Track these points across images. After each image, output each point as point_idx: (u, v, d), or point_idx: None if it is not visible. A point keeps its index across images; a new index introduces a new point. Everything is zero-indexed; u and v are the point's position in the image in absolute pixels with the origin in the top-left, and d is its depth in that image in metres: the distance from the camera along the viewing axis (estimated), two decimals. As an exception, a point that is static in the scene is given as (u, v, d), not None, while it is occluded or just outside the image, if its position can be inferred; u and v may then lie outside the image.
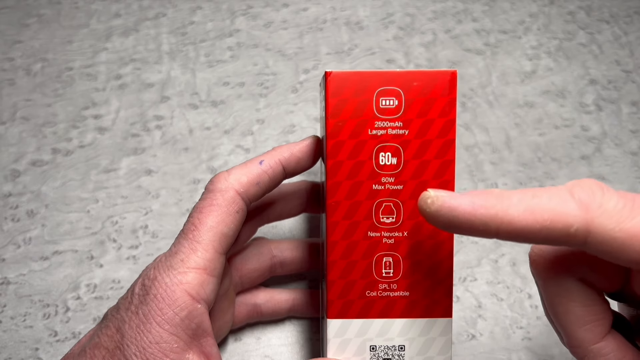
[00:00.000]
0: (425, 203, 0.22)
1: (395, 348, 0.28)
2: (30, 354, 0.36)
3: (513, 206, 0.21)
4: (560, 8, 0.46)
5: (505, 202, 0.21)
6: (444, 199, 0.22)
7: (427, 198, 0.22)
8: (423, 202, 0.23)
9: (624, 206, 0.20)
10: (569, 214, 0.20)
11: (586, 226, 0.20)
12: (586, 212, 0.20)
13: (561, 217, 0.20)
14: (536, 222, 0.20)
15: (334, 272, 0.27)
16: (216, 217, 0.28)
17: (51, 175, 0.40)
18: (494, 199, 0.21)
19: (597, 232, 0.20)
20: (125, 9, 0.45)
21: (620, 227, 0.19)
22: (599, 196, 0.20)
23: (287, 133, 0.42)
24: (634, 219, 0.19)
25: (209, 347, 0.27)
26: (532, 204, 0.21)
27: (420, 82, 0.27)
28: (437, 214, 0.22)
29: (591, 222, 0.20)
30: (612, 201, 0.20)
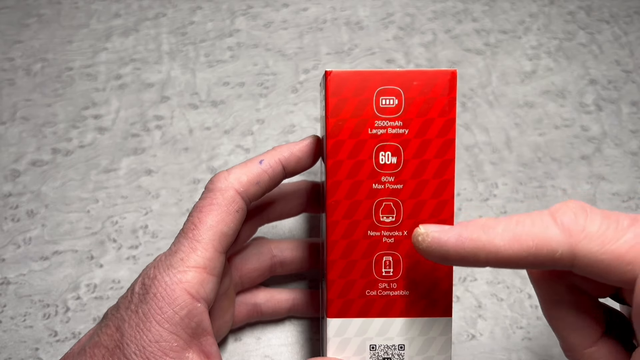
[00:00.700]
0: (417, 240, 0.24)
1: (395, 347, 0.28)
2: (30, 354, 0.36)
3: (498, 236, 0.21)
4: (560, 8, 0.46)
5: (491, 232, 0.22)
6: (433, 235, 0.23)
7: (418, 235, 0.24)
8: (415, 239, 0.24)
9: (607, 228, 0.20)
10: (552, 240, 0.20)
11: (571, 250, 0.20)
12: (569, 236, 0.20)
13: (545, 242, 0.20)
14: (522, 250, 0.21)
15: (334, 271, 0.27)
16: (216, 216, 0.28)
17: (51, 175, 0.40)
18: (479, 230, 0.22)
19: (582, 256, 0.20)
20: (125, 9, 0.45)
21: (604, 249, 0.20)
22: (581, 219, 0.20)
23: (287, 133, 0.42)
24: (618, 241, 0.19)
25: (209, 346, 0.27)
26: (517, 232, 0.21)
27: (420, 82, 0.27)
28: (429, 250, 0.23)
29: (575, 246, 0.20)
30: (596, 223, 0.20)
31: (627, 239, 0.19)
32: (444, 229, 0.23)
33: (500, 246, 0.21)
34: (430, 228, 0.24)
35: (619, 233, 0.20)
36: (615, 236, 0.20)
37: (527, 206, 0.40)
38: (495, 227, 0.22)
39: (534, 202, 0.40)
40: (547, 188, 0.41)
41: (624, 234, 0.20)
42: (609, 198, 0.41)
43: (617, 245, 0.19)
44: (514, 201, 0.40)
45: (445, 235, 0.23)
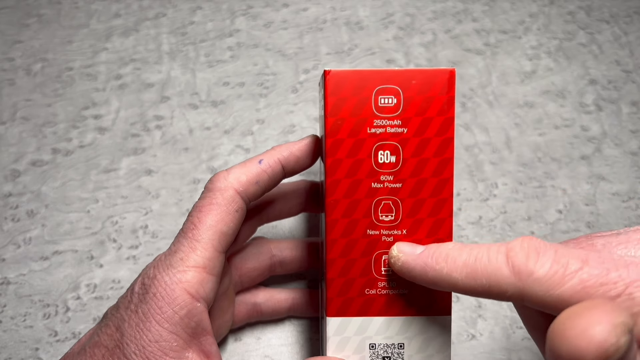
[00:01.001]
0: (390, 262, 0.27)
1: (394, 346, 0.28)
2: (30, 354, 0.36)
3: (458, 269, 0.23)
4: (560, 8, 0.46)
5: (452, 264, 0.23)
6: (403, 260, 0.26)
7: (391, 257, 0.27)
8: (389, 259, 0.27)
9: (554, 273, 0.20)
10: (503, 281, 0.22)
11: (519, 292, 0.21)
12: (518, 279, 0.21)
13: (496, 283, 0.22)
14: (477, 286, 0.22)
15: (333, 270, 0.27)
16: (215, 216, 0.28)
17: (51, 175, 0.40)
18: (443, 261, 0.24)
19: (529, 297, 0.21)
20: (125, 9, 0.45)
21: (549, 294, 0.20)
22: (531, 263, 0.21)
23: (287, 133, 0.42)
24: (563, 286, 0.20)
25: (209, 345, 0.27)
26: (473, 269, 0.23)
27: (419, 81, 0.27)
28: (401, 272, 0.26)
29: (523, 289, 0.21)
30: (545, 267, 0.21)
31: (572, 285, 0.20)
32: (413, 255, 0.25)
33: (457, 280, 0.23)
34: (403, 250, 0.26)
35: (565, 278, 0.20)
36: (561, 282, 0.20)
37: (527, 206, 0.40)
38: (457, 259, 0.23)
39: (534, 202, 0.40)
40: (547, 188, 0.41)
41: (570, 279, 0.20)
42: (609, 198, 0.41)
43: (562, 290, 0.20)
44: (514, 201, 0.40)
45: (413, 262, 0.25)
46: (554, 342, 0.18)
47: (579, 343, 0.17)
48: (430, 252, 0.25)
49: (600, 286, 0.20)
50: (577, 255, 0.21)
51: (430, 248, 0.25)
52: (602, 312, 0.18)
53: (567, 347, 0.18)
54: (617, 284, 0.20)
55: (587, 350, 0.17)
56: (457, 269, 0.23)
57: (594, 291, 0.20)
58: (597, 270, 0.20)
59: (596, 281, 0.20)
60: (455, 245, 0.24)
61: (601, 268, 0.20)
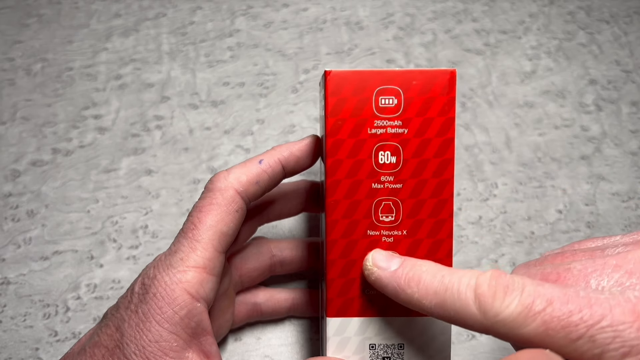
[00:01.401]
0: (364, 273, 0.27)
1: (394, 347, 0.28)
2: (30, 354, 0.36)
3: (427, 298, 0.24)
4: (560, 8, 0.46)
5: (422, 291, 0.24)
6: (376, 275, 0.26)
7: (365, 269, 0.27)
8: (364, 270, 0.27)
9: (518, 314, 0.21)
10: (470, 317, 0.22)
11: (484, 329, 0.22)
12: (484, 318, 0.21)
13: (464, 318, 0.22)
14: (445, 315, 0.23)
15: (334, 270, 0.27)
16: (216, 216, 0.28)
17: (51, 175, 0.40)
18: (415, 285, 0.24)
19: (494, 334, 0.22)
20: (125, 9, 0.45)
21: (513, 333, 0.21)
22: (498, 303, 0.21)
23: (287, 133, 0.42)
24: (526, 327, 0.20)
25: (209, 345, 0.27)
26: (442, 299, 0.23)
27: (420, 81, 0.27)
28: (374, 285, 0.26)
29: (488, 327, 0.22)
30: (510, 308, 0.21)
31: (534, 326, 0.20)
32: (387, 272, 0.26)
33: (427, 307, 0.24)
34: (377, 263, 0.26)
35: (528, 320, 0.20)
36: (525, 322, 0.20)
37: (527, 206, 0.40)
38: (429, 287, 0.24)
39: (534, 202, 0.40)
40: (547, 188, 0.41)
41: (533, 321, 0.20)
42: (609, 198, 0.41)
43: (525, 331, 0.20)
44: (513, 201, 0.40)
45: (386, 280, 0.26)
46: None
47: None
48: (404, 272, 0.25)
49: (562, 329, 0.20)
50: (543, 294, 0.21)
51: (405, 266, 0.25)
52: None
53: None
54: (579, 327, 0.20)
55: None
56: (427, 297, 0.23)
57: (555, 333, 0.20)
58: (560, 313, 0.20)
59: (558, 324, 0.20)
60: (429, 269, 0.24)
61: (564, 310, 0.20)
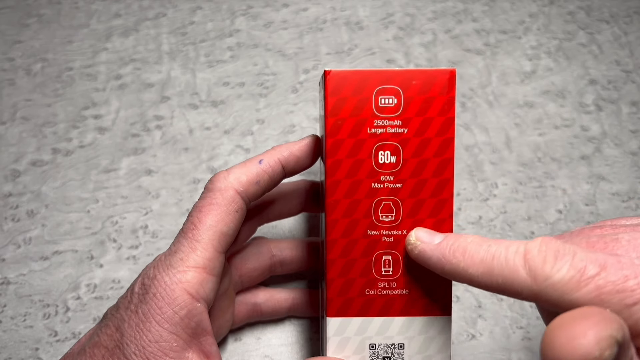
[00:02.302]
0: (408, 248, 0.27)
1: (394, 346, 0.28)
2: (30, 354, 0.36)
3: (474, 266, 0.23)
4: (560, 8, 0.46)
5: (468, 260, 0.24)
6: (420, 249, 0.26)
7: (408, 244, 0.27)
8: (406, 245, 0.27)
9: (570, 278, 0.20)
10: (518, 283, 0.22)
11: (533, 295, 0.21)
12: (534, 282, 0.21)
13: (512, 283, 0.22)
14: (492, 283, 0.23)
15: (334, 270, 0.27)
16: (216, 216, 0.28)
17: (51, 175, 0.40)
18: (460, 255, 0.24)
19: (543, 300, 0.21)
20: (125, 9, 0.45)
21: (563, 298, 0.20)
22: (548, 267, 0.21)
23: (287, 133, 0.42)
24: (578, 292, 0.20)
25: (209, 346, 0.27)
26: (490, 267, 0.23)
27: (419, 81, 0.27)
28: (417, 260, 0.27)
29: (538, 292, 0.21)
30: (561, 272, 0.21)
31: (587, 291, 0.20)
32: (430, 245, 0.26)
33: (473, 276, 0.23)
34: (420, 237, 0.26)
35: (581, 284, 0.20)
36: (577, 287, 0.20)
37: (527, 206, 0.40)
38: (474, 256, 0.24)
39: (534, 202, 0.40)
40: (547, 188, 0.41)
41: (586, 285, 0.20)
42: (609, 198, 0.41)
43: (576, 296, 0.20)
44: (514, 201, 0.40)
45: (430, 252, 0.25)
46: (543, 348, 0.18)
47: (563, 353, 0.18)
48: (448, 243, 0.25)
49: (616, 293, 0.19)
50: (595, 259, 0.21)
51: (448, 239, 0.25)
52: (590, 323, 0.18)
53: (552, 355, 0.18)
54: (635, 292, 0.19)
55: None
56: (474, 265, 0.23)
57: (610, 298, 0.20)
58: (615, 277, 0.20)
59: (612, 288, 0.20)
60: (474, 239, 0.24)
61: (619, 275, 0.20)
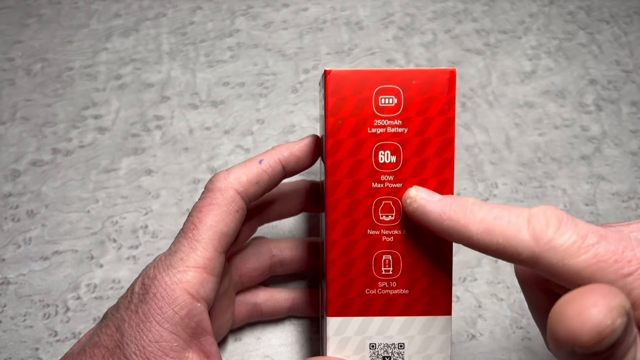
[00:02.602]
0: (405, 202, 0.27)
1: (394, 346, 0.28)
2: (30, 354, 0.36)
3: (475, 224, 0.23)
4: (560, 8, 0.46)
5: (470, 217, 0.23)
6: (420, 202, 0.26)
7: (407, 197, 0.26)
8: (404, 199, 0.27)
9: (572, 243, 0.21)
10: (519, 243, 0.22)
11: (533, 257, 0.21)
12: (536, 244, 0.21)
13: (513, 244, 0.22)
14: (491, 243, 0.22)
15: (334, 270, 0.27)
16: (216, 216, 0.28)
17: (51, 175, 0.40)
18: (462, 212, 0.24)
19: (543, 264, 0.21)
20: (125, 9, 0.45)
21: (563, 263, 0.21)
22: (551, 230, 0.21)
23: (287, 133, 0.42)
24: (578, 257, 0.20)
25: (209, 345, 0.27)
26: (491, 226, 0.23)
27: (420, 81, 0.27)
28: (414, 214, 0.26)
29: (539, 254, 0.21)
30: (564, 237, 0.21)
31: (587, 257, 0.20)
32: (431, 200, 0.25)
33: (473, 234, 0.23)
34: (420, 194, 0.26)
35: (582, 250, 0.20)
36: (577, 252, 0.20)
37: (527, 206, 0.40)
38: (476, 214, 0.23)
39: (534, 202, 0.40)
40: (547, 188, 0.41)
41: (586, 252, 0.20)
42: (609, 198, 0.41)
43: (576, 261, 0.20)
44: (514, 201, 0.40)
45: (430, 207, 0.25)
46: (553, 324, 0.19)
47: (575, 324, 0.18)
48: (449, 201, 0.25)
49: (614, 263, 0.20)
50: (596, 230, 0.21)
51: (448, 197, 0.25)
52: (599, 294, 0.18)
53: (564, 329, 0.18)
54: (631, 262, 0.20)
55: (583, 331, 0.18)
56: (474, 223, 0.23)
57: (607, 266, 0.20)
58: (613, 247, 0.20)
59: (610, 257, 0.20)
60: (475, 201, 0.24)
61: (618, 245, 0.20)
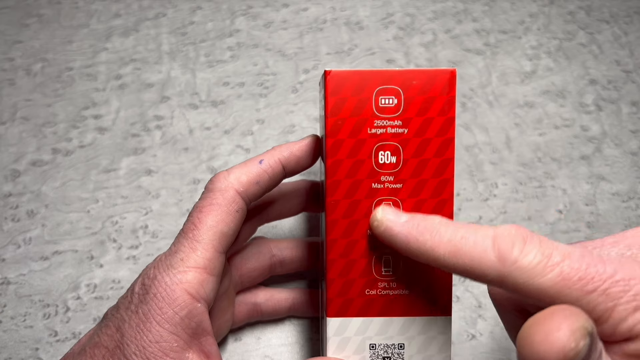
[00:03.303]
0: (373, 224, 0.26)
1: (394, 346, 0.28)
2: (30, 354, 0.36)
3: (441, 246, 0.23)
4: (560, 8, 0.46)
5: (436, 239, 0.23)
6: (386, 225, 0.25)
7: (374, 220, 0.26)
8: (371, 222, 0.27)
9: (538, 263, 0.21)
10: (486, 265, 0.22)
11: (500, 277, 0.22)
12: (502, 265, 0.21)
13: (479, 266, 0.22)
14: (458, 264, 0.23)
15: (334, 270, 0.27)
16: (216, 217, 0.28)
17: (51, 175, 0.40)
18: (427, 233, 0.24)
19: (509, 283, 0.21)
20: (125, 9, 0.45)
21: (530, 282, 0.21)
22: (516, 251, 0.21)
23: (287, 133, 0.42)
24: (543, 277, 0.21)
25: (209, 346, 0.27)
26: (458, 248, 0.23)
27: (420, 81, 0.27)
28: (382, 237, 0.26)
29: (505, 275, 0.21)
30: (529, 257, 0.21)
31: (552, 276, 0.20)
32: (398, 222, 0.25)
33: (440, 256, 0.23)
34: (387, 216, 0.26)
35: (547, 269, 0.21)
36: (543, 272, 0.21)
37: (527, 206, 0.40)
38: (443, 235, 0.23)
39: (534, 202, 0.40)
40: (547, 188, 0.41)
41: (551, 271, 0.21)
42: (609, 198, 0.41)
43: (542, 280, 0.21)
44: (513, 201, 0.40)
45: (396, 229, 0.25)
46: (521, 347, 0.19)
47: (541, 348, 0.18)
48: (415, 222, 0.25)
49: (578, 280, 0.20)
50: (561, 248, 0.21)
51: (415, 218, 0.25)
52: (561, 317, 0.19)
53: (531, 352, 0.18)
54: (594, 279, 0.20)
55: (549, 355, 0.18)
56: (441, 245, 0.23)
57: (572, 284, 0.20)
58: (577, 264, 0.20)
59: (575, 275, 0.20)
60: (442, 220, 0.24)
61: (581, 262, 0.21)
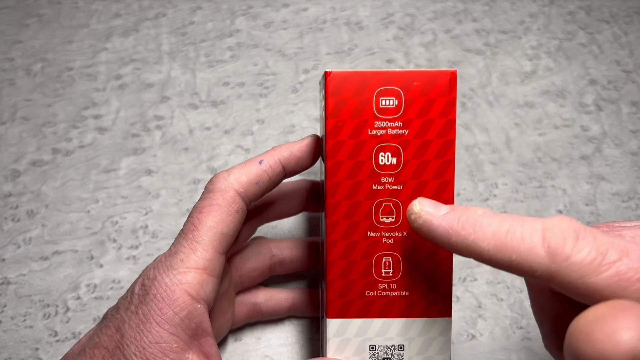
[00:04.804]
0: (410, 218, 0.25)
1: (394, 348, 0.28)
2: (30, 354, 0.36)
3: (485, 240, 0.22)
4: (560, 8, 0.46)
5: (480, 233, 0.22)
6: (425, 218, 0.24)
7: (411, 213, 0.25)
8: (408, 215, 0.25)
9: (592, 260, 0.20)
10: (535, 260, 0.20)
11: (549, 274, 0.20)
12: (552, 261, 0.20)
13: (527, 261, 0.21)
14: (504, 260, 0.21)
15: (334, 271, 0.27)
16: (216, 217, 0.28)
17: (51, 175, 0.40)
18: (470, 227, 0.22)
19: (559, 281, 0.20)
20: (125, 9, 0.45)
21: (582, 280, 0.20)
22: (569, 246, 0.20)
23: (287, 133, 0.42)
24: (599, 276, 0.19)
25: (209, 346, 0.27)
26: (503, 242, 0.21)
27: (420, 82, 0.27)
28: (420, 230, 0.25)
29: (554, 272, 0.20)
30: (582, 253, 0.20)
31: (607, 276, 0.19)
32: (437, 214, 0.24)
33: (484, 250, 0.22)
34: (425, 208, 0.24)
35: (602, 268, 0.19)
36: (597, 270, 0.19)
37: (527, 206, 0.40)
38: (486, 228, 0.22)
39: (534, 202, 0.40)
40: (547, 188, 0.41)
41: (607, 270, 0.19)
42: (609, 198, 0.41)
43: (596, 279, 0.19)
44: (514, 201, 0.40)
45: (436, 222, 0.24)
46: (578, 343, 0.17)
47: (606, 347, 0.17)
48: (456, 215, 0.23)
49: (637, 281, 0.19)
50: (617, 245, 0.20)
51: (456, 210, 0.23)
52: (631, 316, 0.17)
53: (592, 350, 0.17)
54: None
55: (614, 355, 0.17)
56: (485, 239, 0.22)
57: (629, 285, 0.19)
58: (637, 264, 0.19)
59: (633, 275, 0.19)
60: (485, 212, 0.23)
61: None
